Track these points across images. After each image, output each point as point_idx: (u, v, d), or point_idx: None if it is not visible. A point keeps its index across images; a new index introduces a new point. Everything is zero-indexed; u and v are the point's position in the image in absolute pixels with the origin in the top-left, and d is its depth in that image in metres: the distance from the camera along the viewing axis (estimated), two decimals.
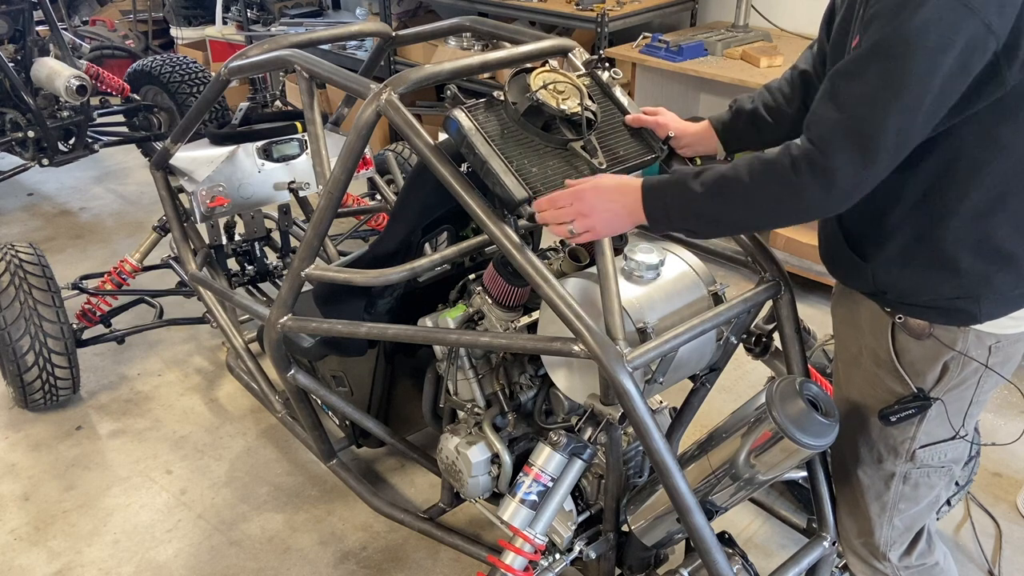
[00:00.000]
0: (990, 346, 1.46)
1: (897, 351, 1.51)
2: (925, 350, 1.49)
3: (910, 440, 1.56)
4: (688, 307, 1.74)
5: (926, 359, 1.49)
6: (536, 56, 1.95)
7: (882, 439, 1.60)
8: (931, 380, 1.51)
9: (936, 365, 1.49)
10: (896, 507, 1.64)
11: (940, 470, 1.61)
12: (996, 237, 1.37)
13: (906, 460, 1.58)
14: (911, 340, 1.49)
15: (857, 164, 1.25)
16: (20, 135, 4.06)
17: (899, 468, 1.60)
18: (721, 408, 2.11)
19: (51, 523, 2.52)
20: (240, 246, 3.13)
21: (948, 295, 1.42)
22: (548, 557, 1.80)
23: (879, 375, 1.56)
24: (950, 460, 1.60)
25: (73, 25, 6.32)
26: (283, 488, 2.64)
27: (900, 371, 1.52)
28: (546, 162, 1.70)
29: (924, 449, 1.57)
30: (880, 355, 1.55)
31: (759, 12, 3.94)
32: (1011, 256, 1.39)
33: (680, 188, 1.42)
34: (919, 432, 1.55)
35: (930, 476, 1.61)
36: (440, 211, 2.08)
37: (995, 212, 1.36)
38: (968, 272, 1.40)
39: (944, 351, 1.47)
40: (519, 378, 1.98)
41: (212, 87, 2.49)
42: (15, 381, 2.82)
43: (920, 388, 1.51)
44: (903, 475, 1.60)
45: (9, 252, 2.82)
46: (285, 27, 5.50)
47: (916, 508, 1.64)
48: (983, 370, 1.48)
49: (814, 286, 3.52)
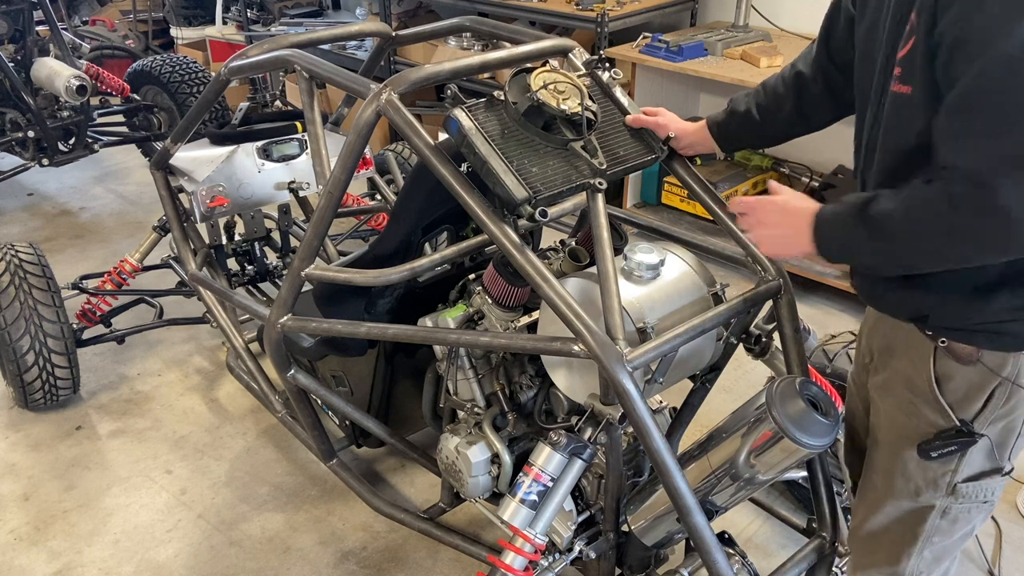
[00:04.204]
0: None
1: (938, 379, 1.40)
2: (970, 377, 1.38)
3: (951, 473, 1.46)
4: (688, 307, 1.74)
5: (971, 387, 1.39)
6: (536, 56, 1.95)
7: (920, 472, 1.48)
8: (974, 410, 1.40)
9: (982, 395, 1.38)
10: (930, 540, 1.53)
11: (982, 505, 1.50)
12: None
13: (947, 494, 1.48)
14: (955, 367, 1.38)
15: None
16: (20, 135, 4.07)
17: (939, 502, 1.49)
18: (721, 408, 2.10)
19: (51, 523, 2.52)
20: (240, 246, 3.14)
21: (999, 317, 1.32)
22: (548, 557, 1.80)
23: (915, 404, 1.45)
24: (992, 494, 1.50)
25: (73, 25, 6.32)
26: (283, 488, 2.64)
27: (941, 401, 1.41)
28: (546, 162, 1.70)
29: (967, 484, 1.47)
30: (917, 383, 1.44)
31: (759, 12, 3.94)
32: None
33: (848, 229, 1.32)
34: (962, 465, 1.45)
35: (970, 512, 1.51)
36: (440, 211, 2.08)
37: None
38: (1017, 290, 1.30)
39: (990, 378, 1.37)
40: (519, 378, 1.98)
41: (212, 87, 2.49)
42: (15, 381, 2.82)
43: (963, 420, 1.41)
44: (942, 509, 1.50)
45: (9, 252, 2.82)
46: (285, 27, 5.51)
47: (949, 541, 1.55)
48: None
49: (814, 286, 3.52)
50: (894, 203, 1.25)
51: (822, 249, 1.37)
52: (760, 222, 1.47)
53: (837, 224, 1.34)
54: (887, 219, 1.26)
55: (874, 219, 1.27)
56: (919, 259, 1.30)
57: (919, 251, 1.27)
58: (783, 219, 1.42)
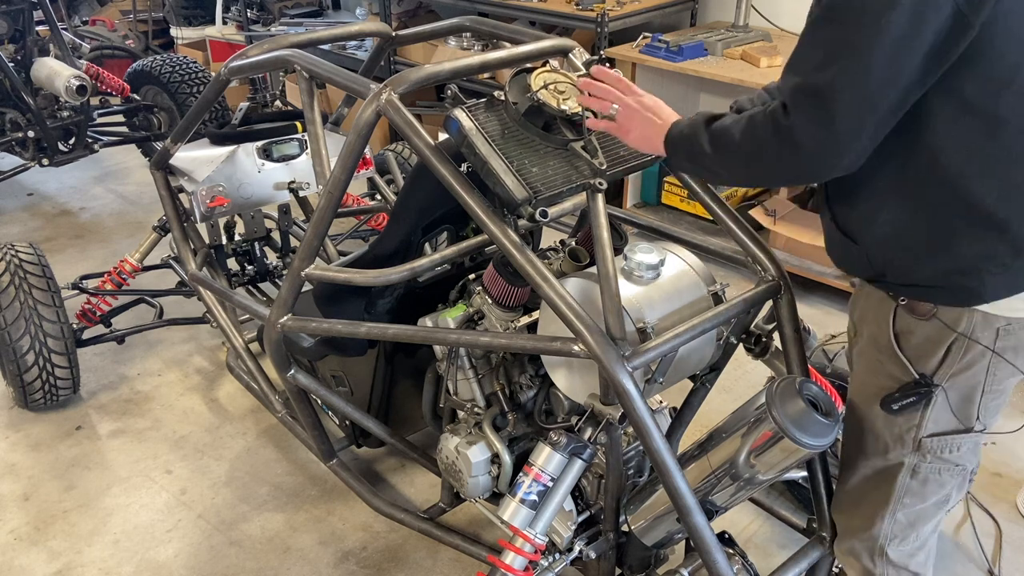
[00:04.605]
0: (998, 328, 1.40)
1: (897, 334, 1.48)
2: (927, 332, 1.44)
3: (915, 428, 1.51)
4: (688, 307, 1.74)
5: (928, 342, 1.45)
6: (536, 56, 1.95)
7: (887, 428, 1.55)
8: (933, 365, 1.46)
9: (939, 349, 1.44)
10: (901, 501, 1.58)
11: (953, 468, 1.55)
12: (983, 204, 1.32)
13: (913, 450, 1.53)
14: (913, 322, 1.45)
15: (815, 124, 1.26)
16: (20, 135, 4.06)
17: (907, 459, 1.54)
18: (721, 408, 2.10)
19: (51, 523, 2.52)
20: (240, 246, 3.14)
21: (947, 270, 1.37)
22: (548, 557, 1.81)
23: (880, 360, 1.52)
24: (963, 455, 1.54)
25: (73, 25, 6.32)
26: (283, 488, 2.64)
27: (900, 355, 1.48)
28: (547, 162, 1.70)
29: (933, 439, 1.51)
30: (880, 340, 1.51)
31: (759, 12, 3.94)
32: (1004, 224, 1.33)
33: (694, 138, 1.46)
34: (926, 420, 1.50)
35: (941, 473, 1.55)
36: (440, 211, 2.08)
37: (978, 176, 1.31)
38: (961, 243, 1.35)
39: (947, 333, 1.42)
40: (519, 378, 1.98)
41: (212, 87, 2.49)
42: (15, 381, 2.82)
43: (922, 374, 1.47)
44: (911, 467, 1.55)
45: (9, 252, 2.82)
46: (285, 27, 5.51)
47: (922, 505, 1.59)
48: (992, 355, 1.42)
49: (814, 286, 3.52)
50: (732, 119, 1.40)
51: (670, 151, 1.52)
52: (630, 112, 1.57)
53: (685, 134, 1.48)
54: (724, 132, 1.40)
55: (714, 132, 1.42)
56: (741, 172, 1.48)
57: (744, 164, 1.42)
58: (648, 113, 1.55)
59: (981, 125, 1.29)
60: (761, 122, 1.34)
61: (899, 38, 1.19)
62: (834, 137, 1.27)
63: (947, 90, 1.27)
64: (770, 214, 3.59)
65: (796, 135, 1.28)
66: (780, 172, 1.41)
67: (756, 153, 1.36)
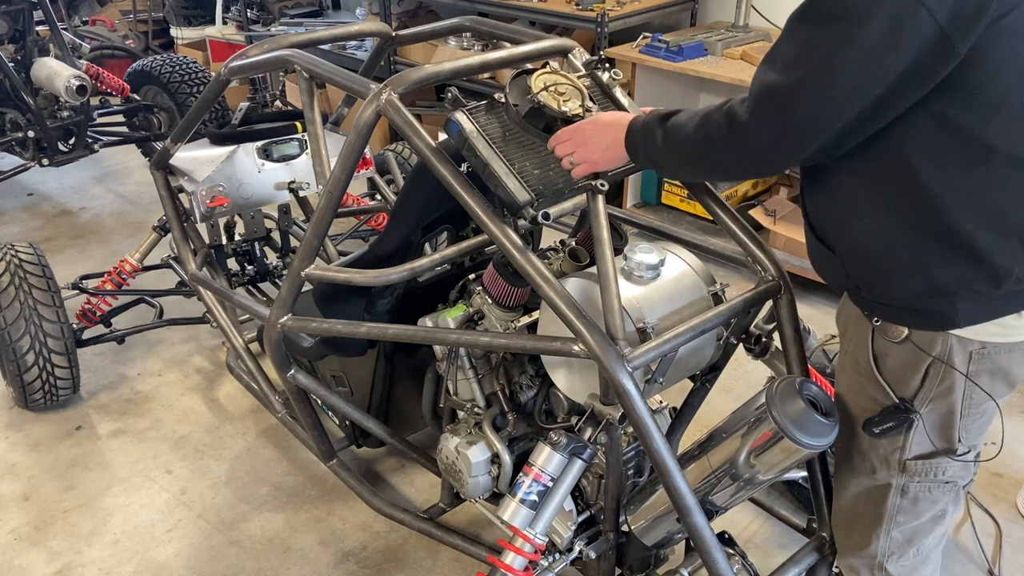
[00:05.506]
0: (971, 352, 1.37)
1: (876, 356, 1.46)
2: (903, 356, 1.42)
3: (899, 451, 1.49)
4: (688, 307, 1.74)
5: (906, 365, 1.42)
6: (536, 56, 1.95)
7: (872, 449, 1.53)
8: (912, 389, 1.43)
9: (916, 373, 1.41)
10: (894, 519, 1.56)
11: (944, 486, 1.52)
12: (961, 229, 1.27)
13: (899, 472, 1.51)
14: (890, 345, 1.42)
15: (773, 119, 1.26)
16: (20, 135, 4.06)
17: (894, 480, 1.52)
18: (721, 408, 2.10)
19: (51, 523, 2.52)
20: (240, 246, 3.14)
21: (919, 292, 1.34)
22: (548, 557, 1.81)
23: (861, 383, 1.51)
24: (953, 474, 1.51)
25: (73, 25, 6.32)
26: (283, 488, 2.64)
27: (879, 379, 1.46)
28: (548, 164, 1.70)
29: (917, 462, 1.49)
30: (861, 362, 1.49)
31: (759, 12, 3.94)
32: (982, 252, 1.29)
33: (648, 134, 1.48)
34: (909, 443, 1.48)
35: (931, 491, 1.52)
36: (440, 211, 2.08)
37: (957, 200, 1.26)
38: (935, 266, 1.31)
39: (922, 357, 1.39)
40: (519, 378, 1.98)
41: (212, 87, 2.49)
42: (15, 381, 2.82)
43: (902, 398, 1.44)
44: (900, 488, 1.52)
45: (9, 252, 2.82)
46: (285, 27, 5.50)
47: (917, 522, 1.56)
48: (967, 380, 1.39)
49: (814, 286, 3.52)
50: (688, 115, 1.41)
51: (631, 153, 1.54)
52: (581, 143, 1.59)
53: (642, 131, 1.50)
54: (679, 128, 1.41)
55: (670, 128, 1.44)
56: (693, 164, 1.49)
57: (696, 157, 1.43)
58: (598, 133, 1.57)
59: (965, 149, 1.25)
60: (716, 118, 1.35)
61: (871, 52, 1.16)
62: (789, 136, 1.27)
63: (928, 109, 1.23)
64: (770, 214, 3.60)
65: (752, 128, 1.28)
66: (730, 165, 1.42)
67: (707, 145, 1.37)
